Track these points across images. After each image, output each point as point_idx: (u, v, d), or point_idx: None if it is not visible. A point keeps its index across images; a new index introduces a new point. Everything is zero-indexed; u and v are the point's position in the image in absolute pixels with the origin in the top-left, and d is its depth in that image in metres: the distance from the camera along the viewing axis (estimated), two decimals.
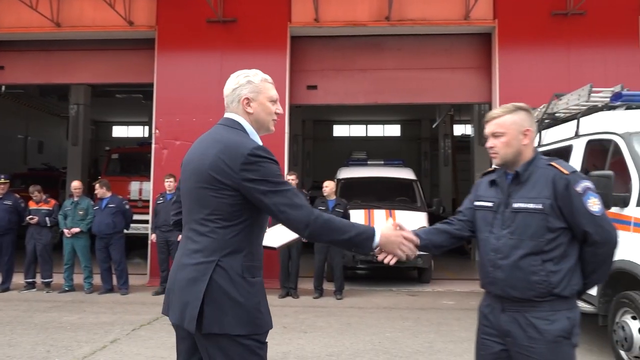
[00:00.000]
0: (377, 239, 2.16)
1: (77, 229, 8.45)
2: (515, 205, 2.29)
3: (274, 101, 2.24)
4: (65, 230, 8.47)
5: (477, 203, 2.49)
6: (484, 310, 2.40)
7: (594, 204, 2.20)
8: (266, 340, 2.10)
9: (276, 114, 2.25)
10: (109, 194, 8.58)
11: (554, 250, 2.21)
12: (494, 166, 2.50)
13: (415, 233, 2.43)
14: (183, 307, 2.04)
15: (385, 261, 2.31)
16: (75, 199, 8.69)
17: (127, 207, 8.71)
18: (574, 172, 2.28)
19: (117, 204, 8.50)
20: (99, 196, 8.54)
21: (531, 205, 2.24)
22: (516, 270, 2.23)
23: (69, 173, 16.07)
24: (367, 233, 2.15)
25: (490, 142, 2.39)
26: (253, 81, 2.22)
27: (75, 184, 8.88)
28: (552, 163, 2.31)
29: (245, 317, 2.01)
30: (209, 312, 1.99)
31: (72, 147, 16.34)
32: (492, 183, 2.46)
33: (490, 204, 2.41)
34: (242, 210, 2.06)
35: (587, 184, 2.24)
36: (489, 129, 2.40)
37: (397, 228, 2.32)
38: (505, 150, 2.34)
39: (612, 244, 2.25)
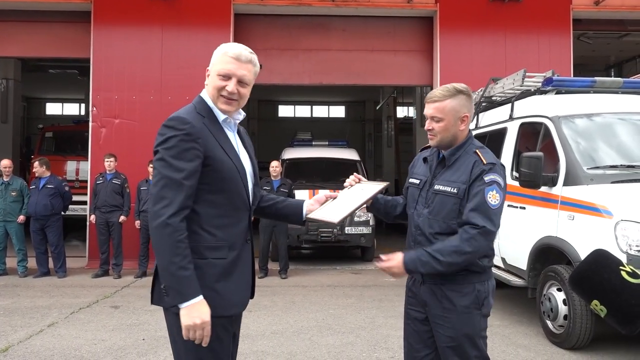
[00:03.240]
0: (185, 302, 1.94)
1: (23, 217, 8.11)
2: (436, 187, 2.41)
3: (223, 76, 2.04)
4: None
5: (410, 180, 2.60)
6: (409, 282, 2.60)
7: (493, 197, 2.28)
8: (226, 323, 2.04)
9: (227, 92, 2.04)
10: (48, 174, 8.23)
11: None
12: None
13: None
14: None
15: None
16: (6, 179, 8.27)
17: (67, 188, 8.40)
18: (493, 164, 2.34)
19: (55, 185, 8.17)
20: (37, 175, 8.16)
21: (448, 189, 2.36)
22: (431, 246, 2.34)
23: None
24: (185, 284, 1.95)
25: (428, 124, 2.44)
26: (215, 54, 2.10)
27: (5, 163, 8.41)
28: (477, 151, 2.39)
29: None
30: (157, 288, 2.03)
31: (2, 125, 15.44)
32: (425, 160, 2.57)
33: (417, 182, 2.53)
34: None
35: (495, 177, 2.31)
36: (427, 111, 2.43)
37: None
38: (442, 135, 2.41)
39: (489, 235, 2.28)
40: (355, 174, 2.70)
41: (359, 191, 2.57)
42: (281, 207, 2.43)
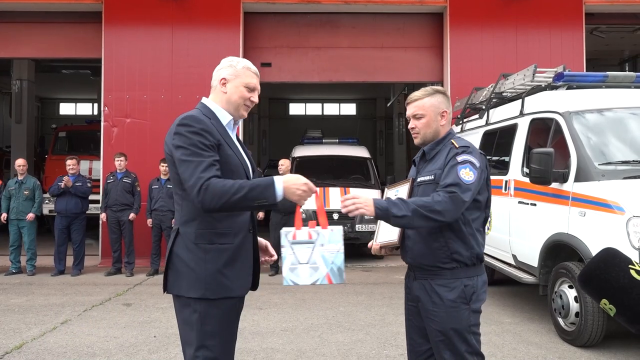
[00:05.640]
0: (278, 186, 2.12)
1: (32, 215, 8.19)
2: (419, 179, 2.55)
3: (250, 89, 2.33)
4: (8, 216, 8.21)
5: None
6: (405, 279, 2.66)
7: (466, 174, 2.36)
8: (231, 306, 2.25)
9: (251, 101, 2.35)
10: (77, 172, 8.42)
11: None
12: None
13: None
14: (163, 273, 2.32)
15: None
16: (20, 177, 8.39)
17: (89, 185, 8.57)
18: (466, 146, 2.47)
19: (82, 183, 8.34)
20: (72, 172, 8.28)
21: (427, 177, 2.49)
22: (420, 238, 2.46)
23: (13, 152, 15.40)
24: (264, 183, 2.13)
25: (411, 124, 2.59)
26: (234, 66, 2.34)
27: (20, 162, 8.56)
28: (452, 140, 2.52)
29: (197, 282, 2.17)
30: (171, 277, 2.24)
31: (16, 125, 15.63)
32: (414, 163, 2.72)
33: None
34: None
35: (468, 157, 2.41)
36: (410, 111, 2.58)
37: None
38: (425, 131, 2.55)
39: (459, 202, 2.32)
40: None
41: (394, 197, 2.66)
42: None
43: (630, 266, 3.38)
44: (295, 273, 2.26)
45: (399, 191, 2.66)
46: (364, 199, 2.32)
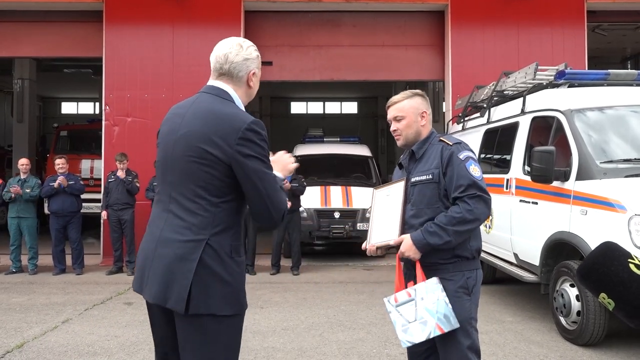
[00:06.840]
0: None
1: (19, 189, 8.10)
2: (413, 179, 2.57)
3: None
4: (12, 189, 8.14)
5: None
6: (404, 279, 2.67)
7: (474, 170, 2.44)
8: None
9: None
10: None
11: None
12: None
13: None
14: (166, 285, 1.93)
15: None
16: (23, 176, 8.40)
17: (82, 182, 8.63)
18: (458, 143, 2.54)
19: (75, 181, 8.37)
20: (62, 172, 8.28)
21: (424, 177, 2.53)
22: None
23: (14, 151, 15.42)
24: None
25: (393, 126, 2.66)
26: (252, 54, 2.12)
27: (23, 161, 8.60)
28: (441, 138, 2.59)
29: (232, 297, 1.96)
30: (197, 293, 1.90)
31: (18, 124, 15.66)
32: (400, 166, 2.76)
33: None
34: (233, 187, 1.96)
35: (468, 153, 2.49)
36: (390, 114, 2.67)
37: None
38: (407, 132, 2.63)
39: (486, 202, 2.43)
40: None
41: (386, 197, 2.68)
42: None
43: (629, 260, 3.36)
44: (408, 333, 2.40)
45: (391, 191, 2.66)
46: (407, 246, 2.42)
